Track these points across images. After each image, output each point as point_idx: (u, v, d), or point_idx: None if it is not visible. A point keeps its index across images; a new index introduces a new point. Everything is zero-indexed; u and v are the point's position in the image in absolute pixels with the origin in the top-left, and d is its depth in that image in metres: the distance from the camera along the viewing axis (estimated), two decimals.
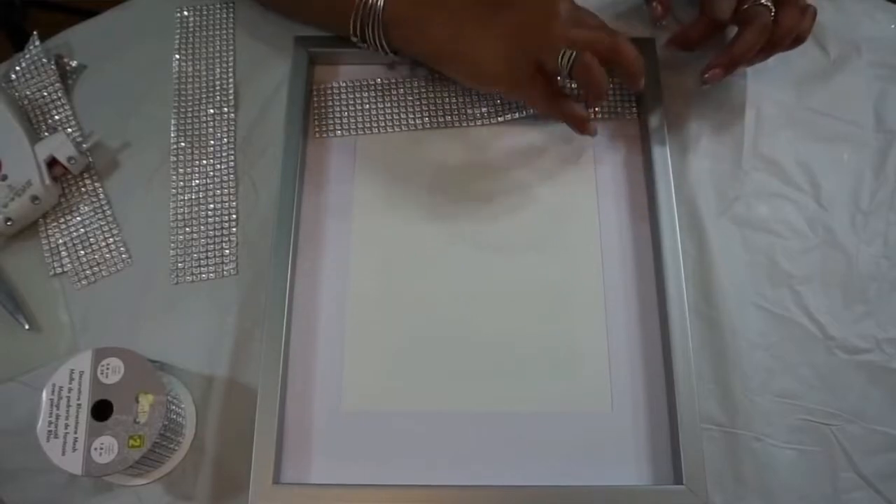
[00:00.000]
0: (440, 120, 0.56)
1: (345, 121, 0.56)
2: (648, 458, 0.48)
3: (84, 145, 0.55)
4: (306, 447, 0.48)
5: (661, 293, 0.50)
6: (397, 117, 0.56)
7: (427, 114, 0.56)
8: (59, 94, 0.57)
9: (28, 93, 0.57)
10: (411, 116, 0.56)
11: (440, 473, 0.47)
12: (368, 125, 0.56)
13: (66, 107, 0.57)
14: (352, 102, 0.57)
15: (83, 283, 0.52)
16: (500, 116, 0.56)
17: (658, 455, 0.48)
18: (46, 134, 0.56)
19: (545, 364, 0.50)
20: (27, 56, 0.57)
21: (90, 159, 0.55)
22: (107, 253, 0.53)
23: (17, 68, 0.57)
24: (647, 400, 0.49)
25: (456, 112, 0.56)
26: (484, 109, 0.56)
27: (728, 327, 0.51)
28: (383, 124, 0.56)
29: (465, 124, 0.56)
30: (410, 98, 0.57)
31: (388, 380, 0.50)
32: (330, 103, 0.57)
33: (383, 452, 0.48)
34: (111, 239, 0.54)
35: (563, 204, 0.54)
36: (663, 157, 0.53)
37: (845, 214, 0.54)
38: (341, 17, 0.52)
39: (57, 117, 0.56)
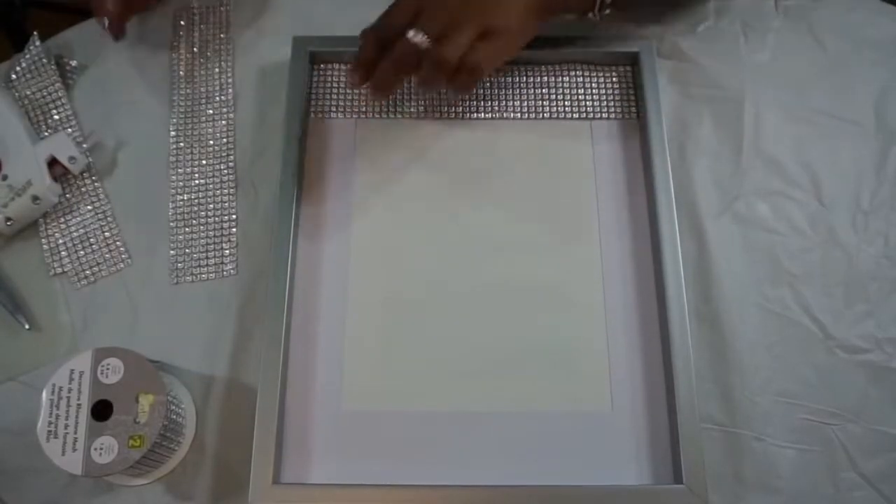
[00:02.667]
0: (441, 111, 0.56)
1: (344, 102, 0.57)
2: (648, 457, 0.48)
3: (84, 145, 0.55)
4: (306, 447, 0.48)
5: (660, 293, 0.50)
6: (398, 104, 0.57)
7: (425, 104, 0.57)
8: (60, 94, 0.57)
9: (28, 92, 0.57)
10: (411, 104, 0.57)
11: (440, 473, 0.47)
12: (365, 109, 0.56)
13: (67, 106, 0.57)
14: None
15: (83, 283, 0.52)
16: (501, 112, 0.56)
17: (658, 455, 0.47)
18: (47, 133, 0.56)
19: (545, 364, 0.50)
20: (27, 56, 0.57)
21: (90, 159, 0.55)
22: (107, 253, 0.53)
23: (18, 68, 0.57)
24: (647, 399, 0.49)
25: (459, 104, 0.57)
26: (482, 103, 0.57)
27: (728, 327, 0.50)
28: (385, 110, 0.56)
29: (465, 116, 0.56)
30: (410, 88, 0.57)
31: (388, 380, 0.50)
32: (330, 84, 0.57)
33: (383, 452, 0.48)
34: (111, 239, 0.53)
35: (562, 203, 0.54)
36: (663, 156, 0.53)
37: (846, 214, 0.54)
38: None
39: (57, 117, 0.56)
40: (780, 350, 0.50)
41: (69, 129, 0.56)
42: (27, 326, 0.51)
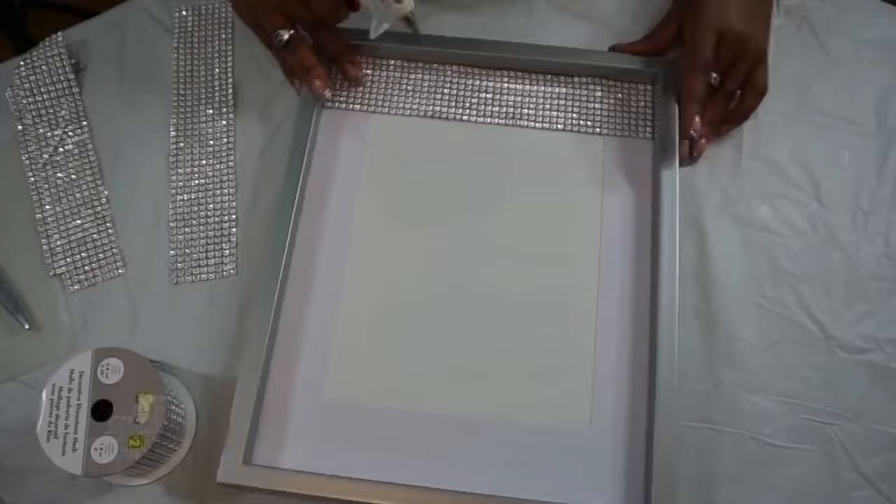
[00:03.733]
0: (450, 112, 0.56)
1: (354, 97, 0.57)
2: (624, 475, 0.47)
3: None
4: (282, 432, 0.48)
5: (654, 299, 0.50)
6: (409, 102, 0.57)
7: (436, 103, 0.57)
8: (73, 89, 0.57)
9: (37, 86, 0.57)
10: (423, 103, 0.57)
11: (410, 473, 0.47)
12: (381, 104, 0.57)
13: (79, 102, 0.57)
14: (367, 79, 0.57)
15: (83, 283, 0.52)
16: (515, 120, 0.56)
17: (632, 474, 0.47)
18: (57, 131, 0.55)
19: (532, 372, 0.50)
20: (41, 50, 0.57)
21: None
22: (107, 253, 0.53)
23: (28, 60, 0.57)
24: (629, 418, 0.48)
25: (472, 108, 0.57)
26: (496, 108, 0.56)
27: (728, 327, 0.50)
28: (395, 106, 0.56)
29: (477, 120, 0.56)
30: (428, 83, 0.57)
31: (371, 375, 0.50)
32: (332, 82, 0.57)
33: (357, 446, 0.48)
34: (110, 240, 0.53)
35: (566, 215, 0.54)
36: (671, 174, 0.52)
37: (846, 214, 0.54)
38: None
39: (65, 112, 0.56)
40: (780, 350, 0.50)
41: None
42: (27, 326, 0.51)
